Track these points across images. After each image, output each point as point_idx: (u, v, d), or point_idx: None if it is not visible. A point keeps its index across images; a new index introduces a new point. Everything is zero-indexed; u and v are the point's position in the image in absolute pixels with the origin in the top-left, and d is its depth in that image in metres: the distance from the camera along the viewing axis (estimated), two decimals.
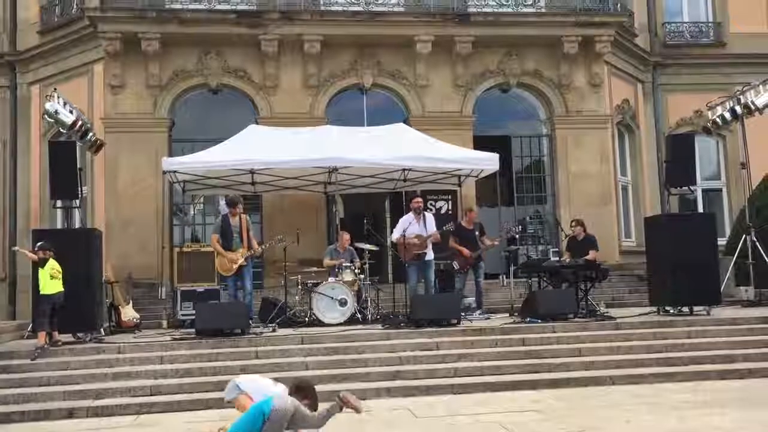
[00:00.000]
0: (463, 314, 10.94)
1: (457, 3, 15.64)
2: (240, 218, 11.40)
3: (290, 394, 5.49)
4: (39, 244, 9.65)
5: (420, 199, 12.20)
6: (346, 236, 12.33)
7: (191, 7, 15.04)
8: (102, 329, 10.62)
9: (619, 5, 16.70)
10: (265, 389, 5.68)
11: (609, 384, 8.48)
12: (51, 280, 9.44)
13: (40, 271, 9.45)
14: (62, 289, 9.51)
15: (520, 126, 16.84)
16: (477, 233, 12.20)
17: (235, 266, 11.20)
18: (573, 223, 12.58)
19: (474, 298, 12.16)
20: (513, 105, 16.80)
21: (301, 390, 5.54)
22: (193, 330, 10.16)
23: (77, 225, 12.69)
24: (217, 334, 9.80)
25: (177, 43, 14.99)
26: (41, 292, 9.41)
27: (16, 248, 11.71)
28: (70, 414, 7.69)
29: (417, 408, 7.49)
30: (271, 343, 9.65)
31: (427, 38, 15.34)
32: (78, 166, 10.83)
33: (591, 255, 11.79)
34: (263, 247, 11.78)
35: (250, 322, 10.64)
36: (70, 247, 9.98)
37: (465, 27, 15.50)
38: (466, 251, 11.90)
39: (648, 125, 18.44)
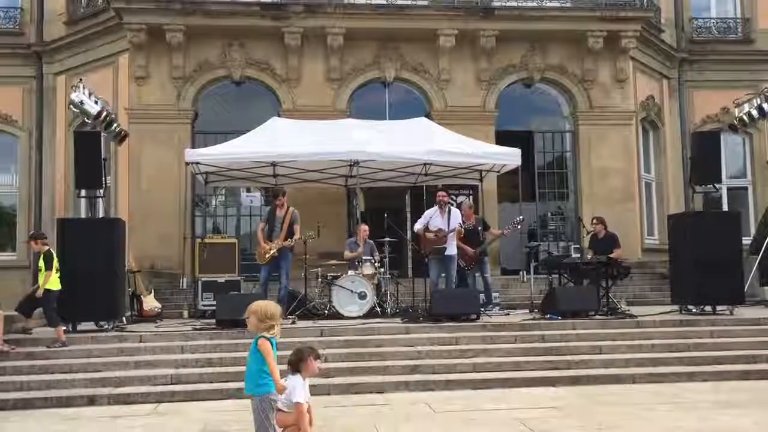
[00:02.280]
0: (482, 310, 10.91)
1: None
2: (287, 210, 11.55)
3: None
4: (35, 233, 9.58)
5: (444, 193, 12.16)
6: (364, 227, 12.33)
7: None
8: (124, 318, 10.73)
9: (645, 0, 16.50)
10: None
11: (630, 382, 8.43)
12: (56, 274, 9.50)
13: (44, 265, 9.40)
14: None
15: (543, 121, 16.74)
16: (480, 228, 12.26)
17: (267, 256, 11.31)
18: (594, 221, 12.51)
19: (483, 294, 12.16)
20: (536, 100, 16.66)
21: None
22: (214, 320, 10.24)
23: (101, 215, 12.82)
24: (238, 324, 9.79)
25: (201, 35, 15.07)
26: (48, 288, 9.40)
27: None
28: (92, 401, 7.78)
29: (435, 402, 7.48)
30: (290, 334, 9.62)
31: (450, 32, 15.28)
32: (102, 156, 10.92)
33: (615, 253, 11.72)
34: (290, 240, 11.71)
35: None
36: (94, 237, 10.08)
37: (489, 21, 15.41)
38: (469, 249, 11.90)
39: (673, 122, 18.24)
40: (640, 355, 9.25)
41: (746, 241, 13.94)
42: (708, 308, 11.04)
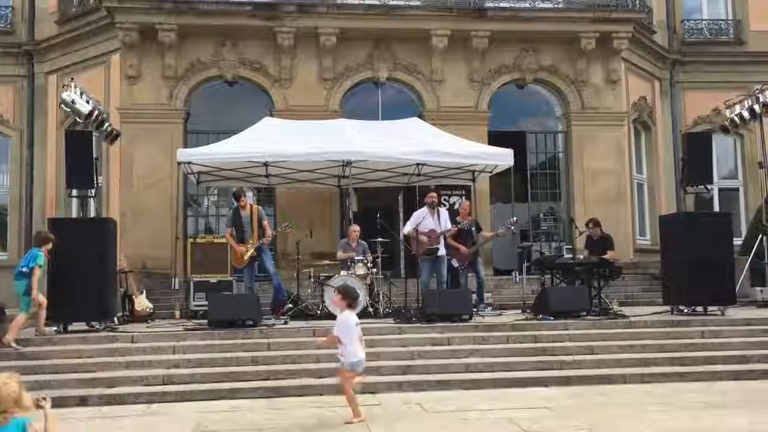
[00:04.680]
0: (475, 310, 10.92)
1: None
2: (251, 210, 11.51)
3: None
4: None
5: (434, 194, 12.16)
6: (355, 228, 12.30)
7: None
8: (115, 318, 10.68)
9: (637, 2, 16.57)
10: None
11: (621, 382, 8.43)
12: None
13: None
14: None
15: (535, 122, 16.79)
16: (473, 229, 12.28)
17: (246, 257, 11.29)
18: (590, 223, 12.48)
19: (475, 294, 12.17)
20: (529, 101, 16.72)
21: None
22: (206, 321, 10.21)
23: (92, 214, 12.77)
24: (230, 325, 9.82)
25: (193, 35, 15.04)
26: None
27: None
28: (83, 401, 7.73)
29: (427, 403, 7.48)
30: (283, 335, 9.67)
31: (443, 33, 15.30)
32: (94, 155, 10.88)
33: (609, 255, 11.75)
34: (269, 234, 11.70)
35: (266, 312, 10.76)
36: (85, 237, 10.03)
37: (482, 22, 15.44)
38: (463, 248, 11.91)
39: (665, 123, 18.31)
40: (632, 355, 9.26)
41: (737, 241, 14.00)
42: (699, 309, 11.07)
